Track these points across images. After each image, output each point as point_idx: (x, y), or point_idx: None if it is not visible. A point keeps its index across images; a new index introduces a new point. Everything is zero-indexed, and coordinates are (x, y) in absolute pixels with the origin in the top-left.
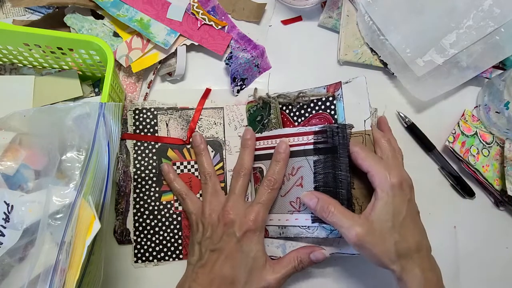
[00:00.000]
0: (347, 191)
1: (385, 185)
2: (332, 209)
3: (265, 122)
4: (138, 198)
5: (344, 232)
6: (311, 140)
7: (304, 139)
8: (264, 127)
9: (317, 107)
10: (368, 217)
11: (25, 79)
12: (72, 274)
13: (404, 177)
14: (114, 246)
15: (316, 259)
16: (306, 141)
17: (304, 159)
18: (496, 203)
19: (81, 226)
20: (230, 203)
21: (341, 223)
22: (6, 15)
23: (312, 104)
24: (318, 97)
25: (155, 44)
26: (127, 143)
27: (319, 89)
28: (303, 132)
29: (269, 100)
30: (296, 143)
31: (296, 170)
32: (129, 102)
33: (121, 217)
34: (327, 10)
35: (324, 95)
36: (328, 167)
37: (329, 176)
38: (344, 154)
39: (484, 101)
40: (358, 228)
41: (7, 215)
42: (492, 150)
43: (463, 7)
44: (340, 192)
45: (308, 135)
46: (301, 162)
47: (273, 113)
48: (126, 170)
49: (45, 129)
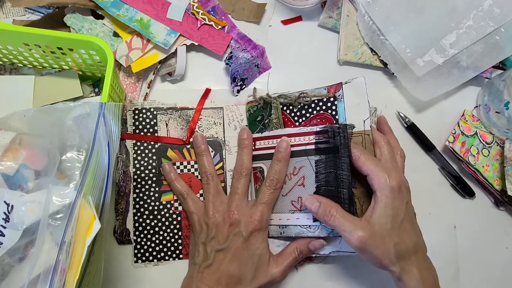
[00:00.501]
0: (348, 190)
1: (385, 188)
2: (334, 212)
3: (266, 122)
4: (138, 198)
5: (347, 235)
6: (313, 140)
7: (306, 139)
8: (265, 127)
9: (318, 108)
10: (369, 220)
11: (25, 79)
12: (72, 274)
13: (402, 180)
14: (114, 246)
15: (314, 248)
16: (307, 141)
17: (306, 159)
18: (496, 203)
19: (81, 226)
20: (234, 203)
21: (343, 227)
22: (6, 15)
23: (313, 104)
24: (319, 98)
25: (155, 44)
26: (127, 143)
27: (320, 90)
28: (304, 132)
29: (270, 100)
30: (297, 143)
31: (297, 170)
32: (128, 102)
33: (121, 217)
34: (327, 10)
35: (325, 95)
36: (329, 167)
37: (330, 176)
38: (345, 154)
39: (484, 101)
40: (360, 232)
41: (7, 215)
42: (492, 150)
43: (463, 7)
44: (341, 192)
45: (309, 135)
46: (303, 162)
47: (274, 113)
48: (126, 170)
49: (45, 129)
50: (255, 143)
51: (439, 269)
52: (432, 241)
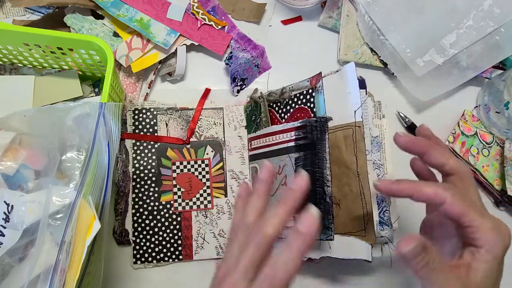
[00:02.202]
0: (324, 189)
1: (497, 248)
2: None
3: (258, 121)
4: (137, 198)
5: None
6: (293, 137)
7: (288, 136)
8: (258, 126)
9: (300, 101)
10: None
11: (25, 79)
12: (72, 274)
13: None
14: (114, 247)
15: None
16: (289, 138)
17: (287, 156)
18: (496, 203)
19: (81, 226)
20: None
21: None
22: (6, 15)
23: (296, 98)
24: (300, 91)
25: (155, 44)
26: (126, 143)
27: (303, 82)
28: (287, 129)
29: (258, 100)
30: (280, 141)
31: (281, 168)
32: (128, 102)
33: (120, 218)
34: (327, 10)
35: (305, 88)
36: (307, 165)
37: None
38: (322, 149)
39: (484, 101)
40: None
41: (7, 215)
42: (492, 150)
43: (463, 7)
44: (317, 191)
45: (291, 131)
46: (285, 160)
47: (263, 112)
48: (125, 170)
49: (45, 129)
50: (251, 143)
51: None
52: None
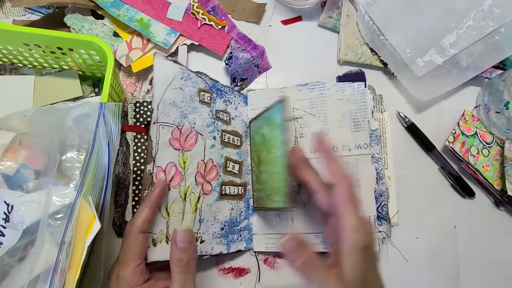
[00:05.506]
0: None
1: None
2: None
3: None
4: (137, 190)
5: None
6: None
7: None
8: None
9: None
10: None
11: (25, 79)
12: (72, 274)
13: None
14: (114, 243)
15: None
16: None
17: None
18: (496, 203)
19: (81, 226)
20: None
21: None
22: (6, 15)
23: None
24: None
25: (155, 44)
26: (127, 135)
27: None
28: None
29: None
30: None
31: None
32: (130, 95)
33: (120, 209)
34: (327, 10)
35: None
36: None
37: None
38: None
39: (484, 101)
40: None
41: (7, 215)
42: (492, 150)
43: (463, 7)
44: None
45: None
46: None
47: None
48: (126, 162)
49: (45, 129)
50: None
51: (439, 269)
52: (432, 241)
